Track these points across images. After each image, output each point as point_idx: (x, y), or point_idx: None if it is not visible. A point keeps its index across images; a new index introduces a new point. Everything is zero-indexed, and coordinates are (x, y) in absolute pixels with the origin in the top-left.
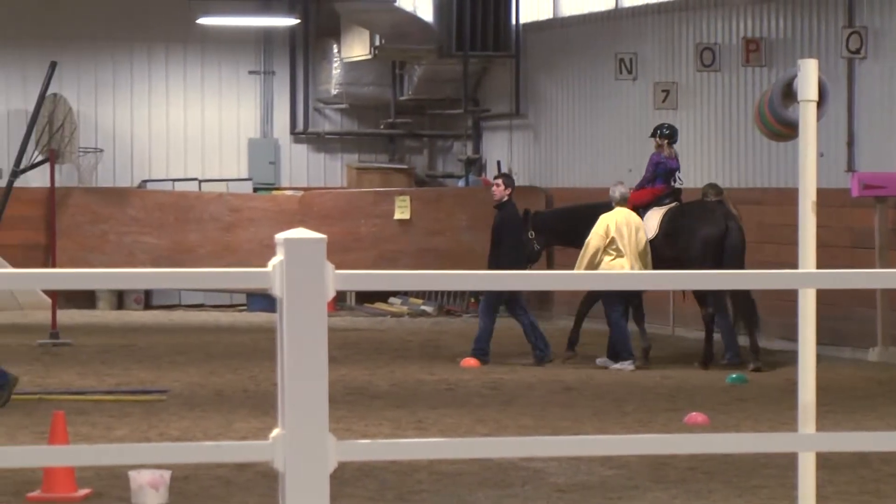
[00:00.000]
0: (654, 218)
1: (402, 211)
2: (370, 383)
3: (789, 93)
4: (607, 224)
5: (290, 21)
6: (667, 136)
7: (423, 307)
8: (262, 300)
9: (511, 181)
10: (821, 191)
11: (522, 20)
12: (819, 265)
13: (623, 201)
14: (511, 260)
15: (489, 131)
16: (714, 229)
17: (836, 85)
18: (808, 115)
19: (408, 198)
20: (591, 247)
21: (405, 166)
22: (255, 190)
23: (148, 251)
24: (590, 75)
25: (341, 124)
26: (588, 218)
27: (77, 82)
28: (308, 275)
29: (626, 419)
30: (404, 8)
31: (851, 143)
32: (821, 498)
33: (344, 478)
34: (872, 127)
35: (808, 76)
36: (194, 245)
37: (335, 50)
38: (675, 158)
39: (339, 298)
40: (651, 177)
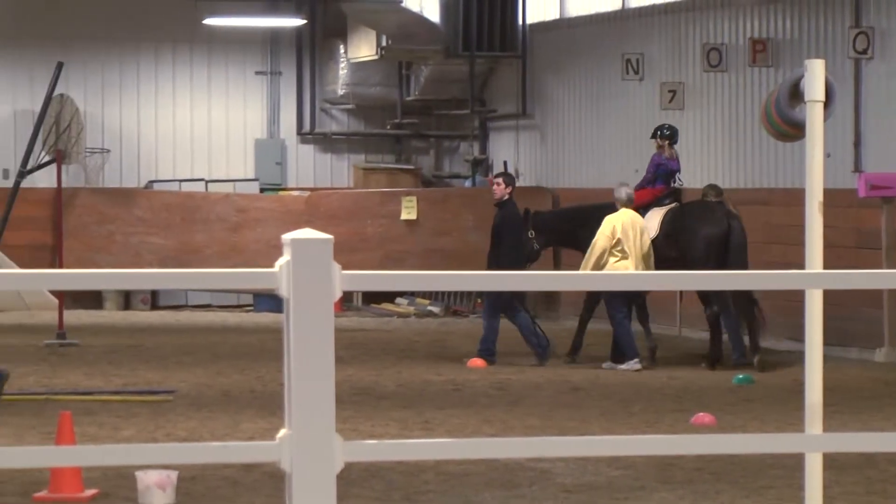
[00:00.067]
0: (654, 218)
1: (408, 211)
2: (377, 384)
3: (796, 93)
4: (613, 225)
5: (297, 21)
6: (667, 136)
7: (430, 308)
8: (269, 301)
9: (511, 180)
10: (827, 191)
11: (529, 20)
12: (826, 265)
13: (630, 202)
14: (511, 259)
15: (496, 132)
16: (716, 229)
17: (842, 85)
18: (814, 116)
19: (414, 198)
20: (597, 247)
21: (412, 167)
22: (261, 190)
23: (155, 252)
24: (596, 75)
25: (348, 125)
26: (587, 219)
27: (84, 83)
28: (315, 275)
29: (633, 420)
30: (411, 8)
31: (858, 143)
32: (828, 498)
33: (350, 478)
34: (879, 127)
35: (815, 76)
36: (201, 245)
37: (342, 50)
38: (676, 159)
39: (346, 299)
40: (652, 178)
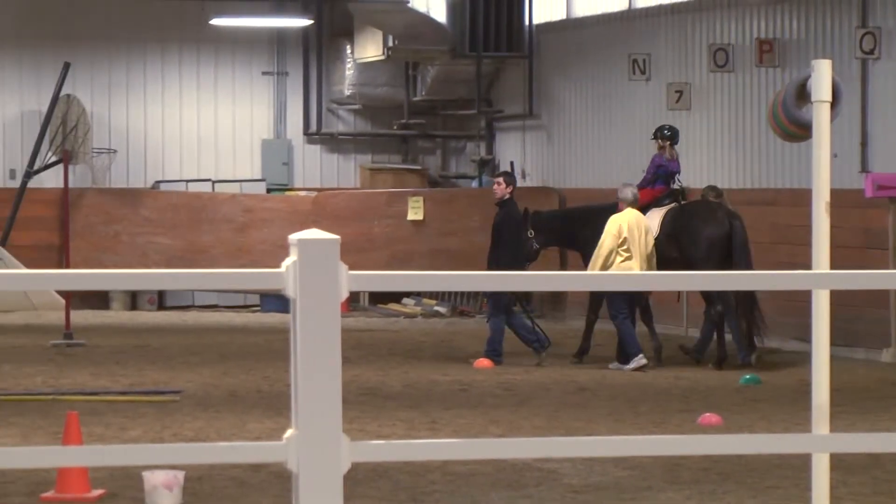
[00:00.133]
0: (654, 218)
1: (415, 212)
2: (383, 384)
3: (803, 93)
4: (620, 224)
5: (304, 22)
6: (668, 137)
7: (437, 308)
8: (276, 301)
9: (512, 179)
10: (834, 191)
11: (536, 21)
12: (833, 266)
13: (635, 202)
14: (511, 258)
15: (502, 132)
16: (719, 229)
17: (849, 85)
18: (821, 116)
19: (421, 198)
20: (605, 247)
21: (418, 167)
22: (268, 191)
23: (161, 252)
24: (603, 76)
25: (354, 125)
26: (587, 220)
27: (90, 83)
28: (321, 275)
29: (640, 420)
30: (417, 9)
31: (865, 143)
32: (834, 499)
33: (357, 478)
34: (886, 127)
35: (822, 77)
36: (207, 246)
37: (348, 50)
38: (676, 161)
39: (353, 299)
40: (652, 178)
